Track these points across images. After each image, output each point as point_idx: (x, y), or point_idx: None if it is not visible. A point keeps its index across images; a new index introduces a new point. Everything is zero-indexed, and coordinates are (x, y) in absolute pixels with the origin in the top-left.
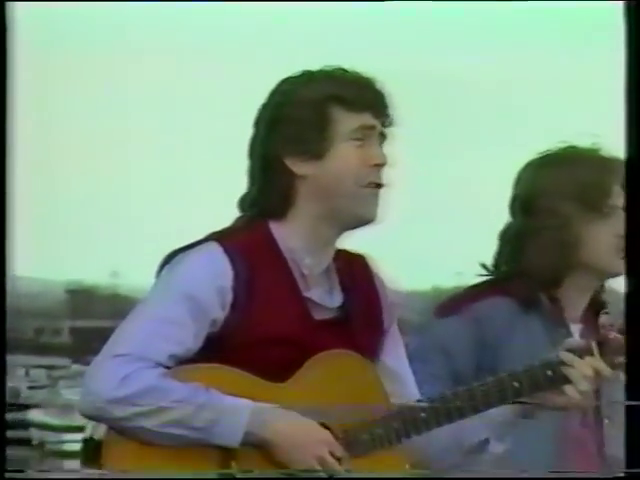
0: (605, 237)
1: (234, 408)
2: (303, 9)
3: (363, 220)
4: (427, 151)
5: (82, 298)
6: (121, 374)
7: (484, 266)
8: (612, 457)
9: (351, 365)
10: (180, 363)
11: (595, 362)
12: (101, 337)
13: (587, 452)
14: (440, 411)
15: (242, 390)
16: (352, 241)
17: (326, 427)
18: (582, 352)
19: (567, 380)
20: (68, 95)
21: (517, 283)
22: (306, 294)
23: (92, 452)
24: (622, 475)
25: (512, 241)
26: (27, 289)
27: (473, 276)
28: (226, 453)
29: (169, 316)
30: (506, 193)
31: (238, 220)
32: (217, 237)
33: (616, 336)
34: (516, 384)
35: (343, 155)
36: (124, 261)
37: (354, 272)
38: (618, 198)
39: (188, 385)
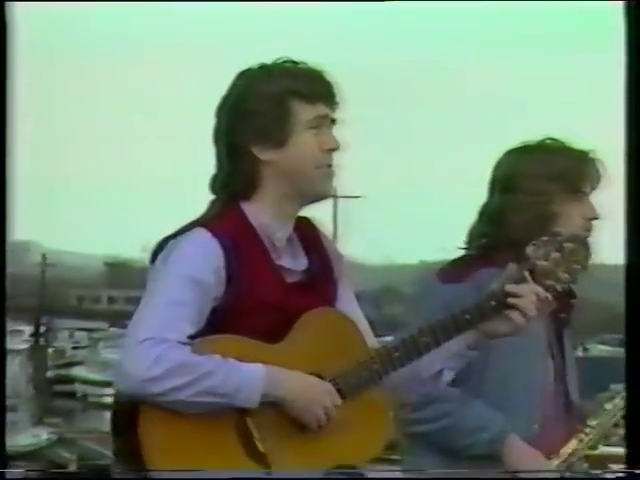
0: (576, 217)
1: (251, 374)
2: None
3: (321, 196)
4: (417, 139)
5: (118, 270)
6: (152, 356)
7: (469, 241)
8: (576, 406)
9: (332, 319)
10: (193, 338)
11: (532, 287)
12: (134, 304)
13: (558, 402)
14: (410, 348)
15: (248, 354)
16: (353, 220)
17: (322, 379)
18: (519, 281)
19: (510, 308)
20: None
21: (506, 253)
22: (278, 262)
23: (123, 417)
24: (622, 475)
25: (494, 217)
26: (71, 262)
27: (455, 250)
28: (242, 412)
29: (178, 299)
30: (483, 178)
31: (213, 203)
32: (203, 223)
33: (542, 263)
34: (467, 316)
35: (302, 142)
36: (153, 237)
37: (307, 235)
38: (590, 186)
39: (211, 357)
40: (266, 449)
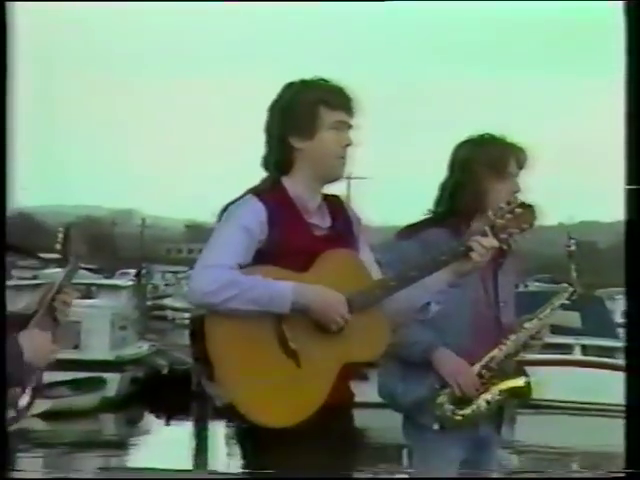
0: (504, 192)
1: (282, 288)
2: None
3: (337, 178)
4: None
5: (194, 229)
6: (211, 276)
7: (430, 209)
8: (505, 326)
9: (346, 257)
10: (242, 267)
11: (489, 239)
12: None
13: (488, 324)
14: (402, 279)
15: (281, 278)
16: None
17: None
18: (481, 234)
19: (473, 251)
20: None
21: (452, 219)
22: (309, 220)
23: (197, 327)
24: (622, 475)
25: (448, 190)
26: (162, 224)
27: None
28: (278, 320)
29: (232, 239)
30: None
31: (264, 180)
32: (253, 192)
33: (499, 221)
34: (443, 257)
35: (325, 138)
36: (220, 204)
37: (334, 206)
38: (516, 167)
39: (253, 277)
40: (297, 347)
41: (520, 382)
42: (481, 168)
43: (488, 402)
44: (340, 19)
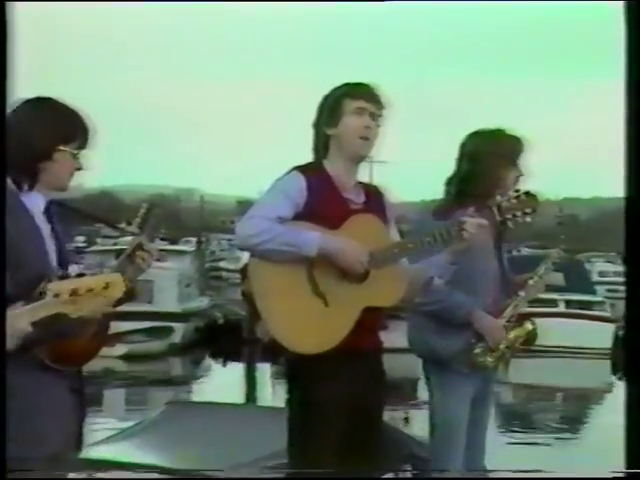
0: (511, 177)
1: (312, 235)
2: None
3: (361, 156)
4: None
5: (244, 205)
6: (253, 223)
7: (447, 192)
8: (512, 283)
9: (372, 221)
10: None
11: (478, 220)
12: None
13: (502, 284)
14: (418, 243)
15: (314, 230)
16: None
17: None
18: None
19: (464, 231)
20: None
21: (473, 199)
22: (344, 195)
23: (242, 272)
24: (622, 475)
25: (465, 177)
26: (217, 201)
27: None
28: (310, 265)
29: (275, 198)
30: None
31: (310, 162)
32: (298, 169)
33: (505, 204)
34: (456, 228)
35: (348, 122)
36: (267, 183)
37: (370, 190)
38: (519, 157)
39: (288, 226)
40: (325, 289)
41: (530, 328)
42: (494, 158)
43: (508, 347)
44: (370, 22)
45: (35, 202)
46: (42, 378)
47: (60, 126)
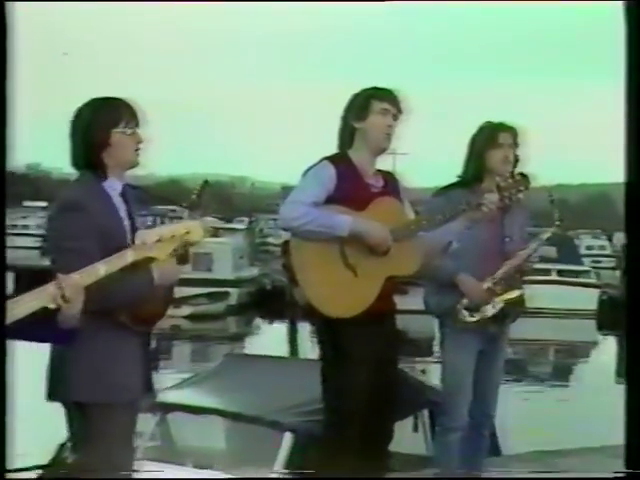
0: (496, 158)
1: (344, 217)
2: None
3: (383, 149)
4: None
5: (287, 189)
6: (293, 207)
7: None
8: (509, 253)
9: (392, 202)
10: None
11: (495, 195)
12: None
13: (503, 250)
14: (432, 220)
15: (344, 213)
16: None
17: None
18: (491, 192)
19: (484, 205)
20: None
21: (473, 183)
22: (366, 180)
23: (285, 250)
24: (622, 475)
25: (465, 163)
26: (264, 187)
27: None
28: (342, 243)
29: (310, 186)
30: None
31: (336, 153)
32: (328, 158)
33: (503, 184)
34: (463, 207)
35: (374, 119)
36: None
37: (387, 177)
38: (504, 140)
39: (323, 210)
40: (354, 262)
41: (516, 294)
42: (480, 142)
43: (494, 308)
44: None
45: (113, 186)
46: (121, 336)
47: (106, 114)
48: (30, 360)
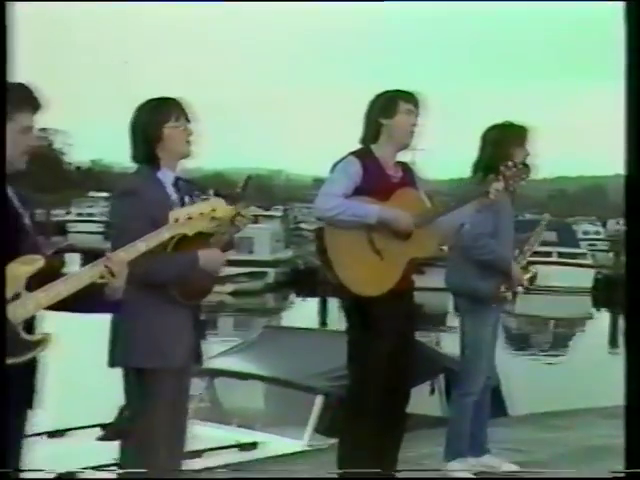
0: (520, 155)
1: (372, 207)
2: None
3: (406, 145)
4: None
5: (318, 182)
6: (326, 199)
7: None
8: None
9: (413, 193)
10: (346, 197)
11: (500, 183)
12: None
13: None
14: (447, 206)
15: (371, 203)
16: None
17: None
18: (497, 180)
19: (489, 192)
20: None
21: (486, 174)
22: (388, 172)
23: (319, 237)
24: (622, 475)
25: (487, 157)
26: (297, 179)
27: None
28: (369, 230)
29: (340, 179)
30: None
31: (360, 148)
32: (353, 153)
33: (508, 172)
34: (473, 194)
35: (400, 118)
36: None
37: (405, 168)
38: (528, 140)
39: (354, 201)
40: (380, 247)
41: (534, 272)
42: (510, 143)
43: (520, 286)
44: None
45: (166, 176)
46: (173, 309)
47: (158, 112)
48: (94, 331)
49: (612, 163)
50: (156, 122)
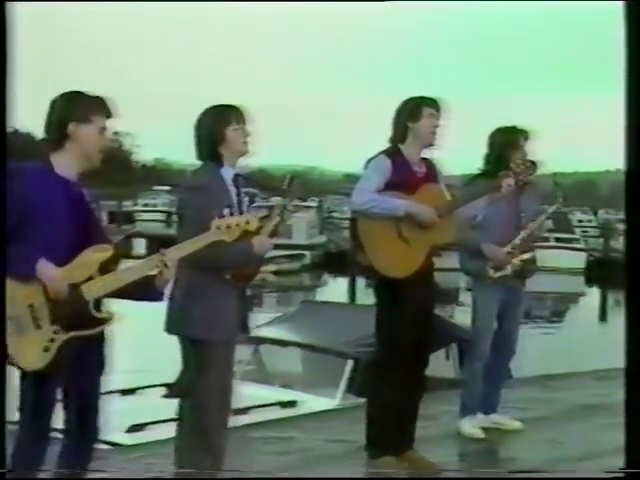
0: (519, 155)
1: (401, 202)
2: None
3: (430, 144)
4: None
5: (350, 177)
6: (361, 194)
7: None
8: (523, 224)
9: (436, 188)
10: (379, 192)
11: (511, 179)
12: None
13: (515, 225)
14: (463, 199)
15: (400, 197)
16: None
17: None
18: (508, 177)
19: (501, 185)
20: None
21: (494, 172)
22: (413, 168)
23: (354, 224)
24: (622, 475)
25: (494, 156)
26: (332, 174)
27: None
28: (398, 221)
29: (373, 176)
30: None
31: (389, 147)
32: (384, 152)
33: (517, 169)
34: (486, 189)
35: (424, 122)
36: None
37: (428, 163)
38: (524, 143)
39: (384, 196)
40: (406, 235)
41: (528, 256)
42: (513, 144)
43: (512, 267)
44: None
45: (227, 173)
46: (226, 289)
47: (221, 116)
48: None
49: (602, 161)
50: (220, 125)
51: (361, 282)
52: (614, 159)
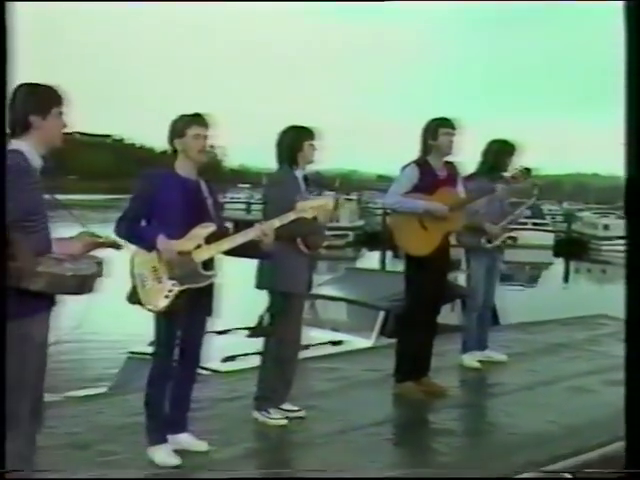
0: (512, 163)
1: (422, 202)
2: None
3: (449, 155)
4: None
5: (383, 179)
6: (391, 196)
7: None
8: (507, 212)
9: (450, 190)
10: (406, 194)
11: (507, 182)
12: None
13: (503, 213)
14: (472, 197)
15: (422, 199)
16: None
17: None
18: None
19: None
20: None
21: (490, 178)
22: (437, 173)
23: (386, 217)
24: (622, 475)
25: (489, 163)
26: (371, 176)
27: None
28: (420, 217)
29: (403, 181)
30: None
31: (419, 157)
32: (414, 162)
33: (516, 174)
34: (489, 188)
35: (443, 139)
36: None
37: (449, 167)
38: (516, 153)
39: (409, 198)
40: (426, 225)
41: (511, 234)
42: (506, 154)
43: (503, 241)
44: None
45: (299, 174)
46: (300, 255)
47: (300, 133)
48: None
49: (566, 165)
50: (299, 140)
51: (389, 255)
52: (576, 164)
